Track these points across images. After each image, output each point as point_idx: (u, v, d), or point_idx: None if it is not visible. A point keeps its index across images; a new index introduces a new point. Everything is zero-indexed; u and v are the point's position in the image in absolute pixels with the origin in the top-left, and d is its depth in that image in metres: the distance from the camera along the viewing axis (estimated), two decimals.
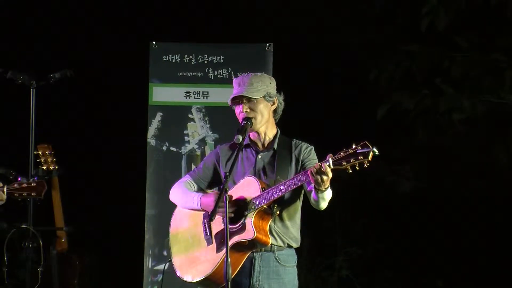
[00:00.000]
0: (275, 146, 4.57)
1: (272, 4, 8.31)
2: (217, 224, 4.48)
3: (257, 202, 4.38)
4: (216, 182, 4.67)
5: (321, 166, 4.18)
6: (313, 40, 8.16)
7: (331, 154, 4.23)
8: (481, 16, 7.52)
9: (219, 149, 4.70)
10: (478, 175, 8.21)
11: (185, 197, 4.63)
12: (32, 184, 4.78)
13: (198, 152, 6.77)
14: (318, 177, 4.19)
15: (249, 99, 4.52)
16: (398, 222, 8.40)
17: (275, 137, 4.60)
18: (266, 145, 4.60)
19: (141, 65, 6.99)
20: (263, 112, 4.54)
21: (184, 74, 6.83)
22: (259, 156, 4.57)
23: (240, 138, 4.44)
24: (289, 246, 4.55)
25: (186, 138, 6.81)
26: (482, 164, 8.11)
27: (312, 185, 4.28)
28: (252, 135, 4.60)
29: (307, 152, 4.55)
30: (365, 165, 4.16)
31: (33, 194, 4.79)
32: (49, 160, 6.21)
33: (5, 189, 4.75)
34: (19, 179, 4.88)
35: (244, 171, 4.55)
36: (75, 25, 8.35)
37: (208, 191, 4.67)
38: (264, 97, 4.54)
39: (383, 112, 7.68)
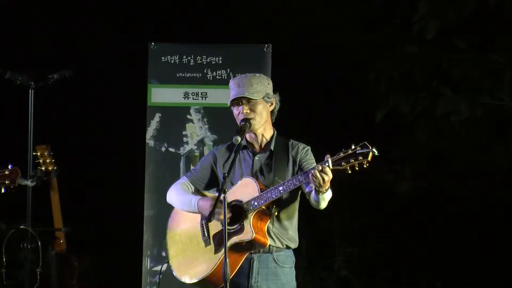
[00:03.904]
0: (272, 147, 4.57)
1: (271, 4, 8.30)
2: (215, 225, 4.47)
3: (256, 203, 4.38)
4: (213, 183, 4.67)
5: (322, 168, 4.18)
6: (312, 40, 8.15)
7: (328, 155, 4.23)
8: (479, 17, 7.52)
9: (216, 150, 4.70)
10: (477, 175, 8.20)
11: (182, 199, 4.63)
12: (5, 172, 4.66)
13: (197, 153, 6.77)
14: (320, 178, 4.19)
15: (249, 100, 4.52)
16: (397, 222, 8.40)
17: (271, 138, 4.60)
18: (263, 146, 4.60)
19: (140, 66, 6.99)
20: (262, 113, 4.54)
21: (183, 75, 6.83)
22: (256, 158, 4.57)
23: (239, 139, 4.43)
24: (288, 247, 4.56)
25: (184, 139, 6.81)
26: (482, 165, 8.10)
27: (311, 185, 4.28)
28: (249, 136, 4.59)
29: (304, 153, 4.55)
30: (365, 166, 4.17)
31: (7, 182, 4.65)
32: (47, 161, 6.21)
33: None
34: None
35: (242, 173, 4.55)
36: (74, 26, 8.35)
37: (205, 192, 4.67)
38: (263, 98, 4.54)
39: (381, 115, 7.70)
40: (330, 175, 4.20)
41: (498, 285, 8.10)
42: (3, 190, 4.69)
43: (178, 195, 4.66)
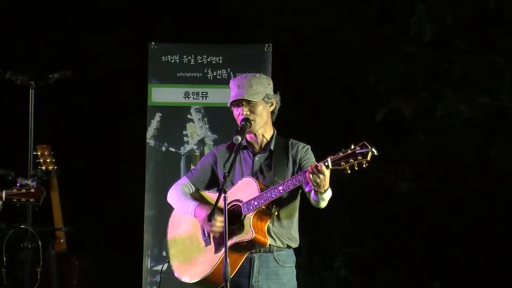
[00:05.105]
0: (272, 147, 4.56)
1: (271, 4, 8.30)
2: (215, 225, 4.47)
3: (256, 203, 4.38)
4: (213, 183, 4.67)
5: (317, 165, 4.18)
6: (312, 40, 8.15)
7: (331, 155, 4.23)
8: (479, 18, 7.52)
9: (216, 150, 4.70)
10: (477, 175, 8.21)
11: (181, 203, 4.63)
12: (31, 190, 4.81)
13: (197, 153, 6.78)
14: (316, 176, 4.18)
15: (249, 102, 4.51)
16: (397, 222, 8.40)
17: (271, 138, 4.60)
18: (263, 146, 4.59)
19: (140, 66, 6.99)
20: (262, 114, 4.53)
21: (183, 74, 6.84)
22: (256, 158, 4.57)
23: (239, 138, 4.43)
24: (288, 247, 4.56)
25: (185, 139, 6.82)
26: (482, 165, 8.11)
27: (311, 186, 4.28)
28: (249, 136, 4.59)
29: (304, 152, 4.55)
30: (364, 165, 4.16)
31: (32, 200, 4.81)
32: (48, 160, 6.21)
33: (3, 194, 4.77)
34: (18, 184, 4.90)
35: (242, 173, 4.55)
36: (75, 25, 8.35)
37: (205, 193, 4.67)
38: (263, 99, 4.54)
39: (381, 116, 7.71)
40: (327, 173, 4.20)
41: (498, 285, 8.10)
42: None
43: (178, 198, 4.66)
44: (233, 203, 4.45)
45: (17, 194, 4.79)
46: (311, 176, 4.19)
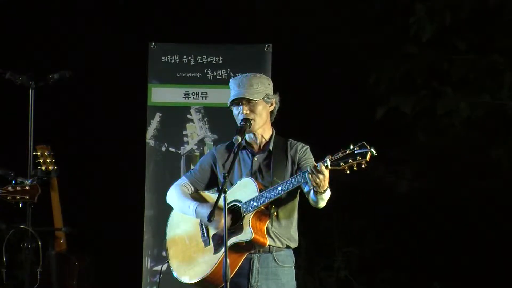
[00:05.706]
0: (271, 147, 4.57)
1: (271, 4, 8.31)
2: (215, 226, 4.47)
3: (255, 203, 4.38)
4: (212, 183, 4.67)
5: (316, 165, 4.18)
6: (312, 40, 8.15)
7: (330, 155, 4.23)
8: (479, 18, 7.53)
9: (215, 150, 4.70)
10: (478, 175, 8.21)
11: (181, 203, 4.63)
12: (26, 188, 4.76)
13: (197, 153, 6.79)
14: (315, 177, 4.18)
15: (249, 101, 4.52)
16: (397, 222, 8.40)
17: (270, 138, 4.60)
18: (262, 146, 4.60)
19: (140, 66, 7.00)
20: (262, 114, 4.54)
21: (183, 74, 6.85)
22: (255, 158, 4.57)
23: (239, 139, 4.43)
24: (288, 247, 4.56)
25: (185, 139, 6.82)
26: (482, 165, 8.11)
27: (310, 186, 4.28)
28: (248, 137, 4.59)
29: (303, 152, 4.55)
30: (363, 166, 4.16)
31: (27, 197, 4.77)
32: (48, 160, 6.21)
33: None
34: (13, 182, 4.88)
35: (241, 174, 4.55)
36: (75, 25, 8.35)
37: (205, 193, 4.67)
38: (263, 98, 4.54)
39: (381, 113, 7.71)
40: (326, 174, 4.20)
41: (498, 285, 8.10)
42: (20, 205, 4.81)
43: (178, 198, 4.65)
44: (232, 203, 4.45)
45: (12, 191, 4.75)
46: (310, 176, 4.20)
